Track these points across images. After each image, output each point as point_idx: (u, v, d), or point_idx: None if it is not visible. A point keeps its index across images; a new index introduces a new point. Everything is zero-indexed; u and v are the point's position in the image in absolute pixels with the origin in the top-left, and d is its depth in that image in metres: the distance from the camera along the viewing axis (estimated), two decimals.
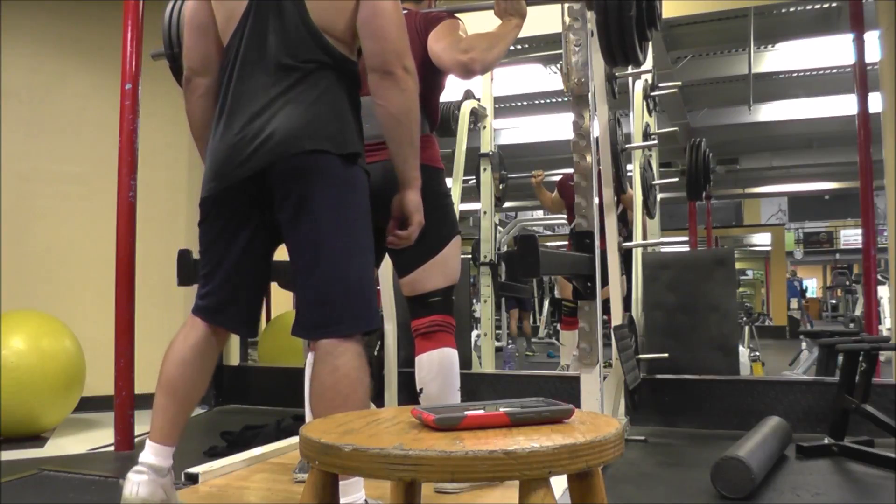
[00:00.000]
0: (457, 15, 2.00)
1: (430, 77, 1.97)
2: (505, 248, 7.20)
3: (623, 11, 1.93)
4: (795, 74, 7.45)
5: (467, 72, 1.87)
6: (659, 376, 3.46)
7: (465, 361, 3.88)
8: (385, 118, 1.56)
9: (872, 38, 3.86)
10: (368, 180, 1.59)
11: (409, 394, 3.08)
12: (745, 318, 6.69)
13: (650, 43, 2.34)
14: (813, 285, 19.29)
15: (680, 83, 5.10)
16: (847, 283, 11.77)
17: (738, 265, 14.33)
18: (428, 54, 1.91)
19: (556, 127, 8.38)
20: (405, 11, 2.03)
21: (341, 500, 1.50)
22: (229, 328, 1.68)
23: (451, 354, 1.95)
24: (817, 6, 5.69)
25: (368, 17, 1.51)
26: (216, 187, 1.54)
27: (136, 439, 3.06)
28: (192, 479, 2.04)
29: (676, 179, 4.88)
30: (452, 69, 1.89)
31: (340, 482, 1.11)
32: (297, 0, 1.51)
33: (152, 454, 1.57)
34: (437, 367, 1.92)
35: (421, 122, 1.98)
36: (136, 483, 1.52)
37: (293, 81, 1.50)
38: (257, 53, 1.52)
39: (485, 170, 4.79)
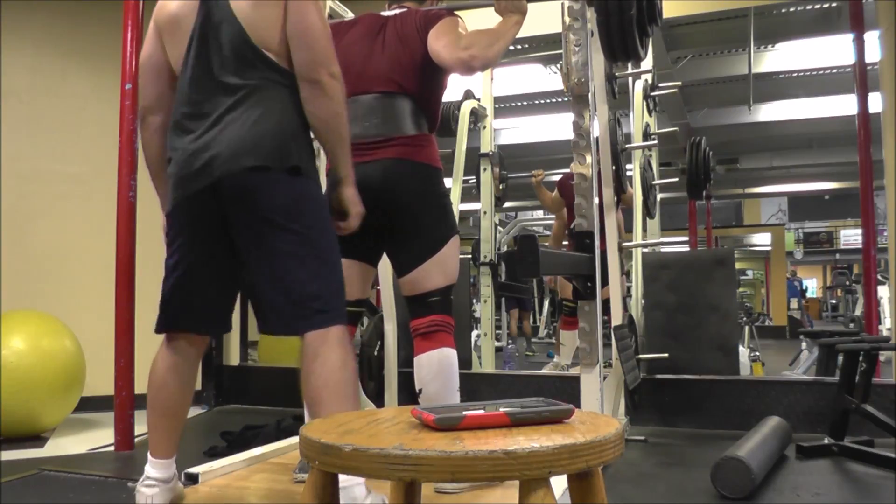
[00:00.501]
0: (457, 12, 1.99)
1: (431, 76, 1.97)
2: (505, 248, 7.20)
3: (623, 10, 1.92)
4: (795, 74, 7.44)
5: (468, 69, 1.88)
6: (659, 376, 3.46)
7: (465, 361, 3.88)
8: (315, 123, 1.64)
9: (872, 38, 3.86)
10: (321, 187, 1.68)
11: (409, 394, 3.08)
12: (745, 318, 6.69)
13: (650, 40, 2.33)
14: (813, 285, 19.30)
15: (680, 83, 5.10)
16: (847, 283, 11.76)
17: (738, 265, 14.34)
18: (428, 53, 1.91)
19: (556, 127, 8.37)
20: (404, 10, 2.03)
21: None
22: (194, 331, 1.78)
23: (450, 354, 1.94)
24: (817, 6, 5.68)
25: (295, 31, 1.60)
26: (175, 200, 1.64)
27: (136, 439, 3.05)
28: (192, 479, 2.04)
29: (676, 179, 4.87)
30: (453, 66, 1.89)
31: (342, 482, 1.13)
32: (234, 21, 1.60)
33: (156, 469, 1.72)
34: (437, 367, 1.91)
35: (419, 122, 1.98)
36: (149, 495, 1.69)
37: (237, 99, 1.59)
38: (205, 75, 1.62)
39: (485, 170, 4.79)
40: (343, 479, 1.51)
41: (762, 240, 15.20)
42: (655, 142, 4.08)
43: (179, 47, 1.67)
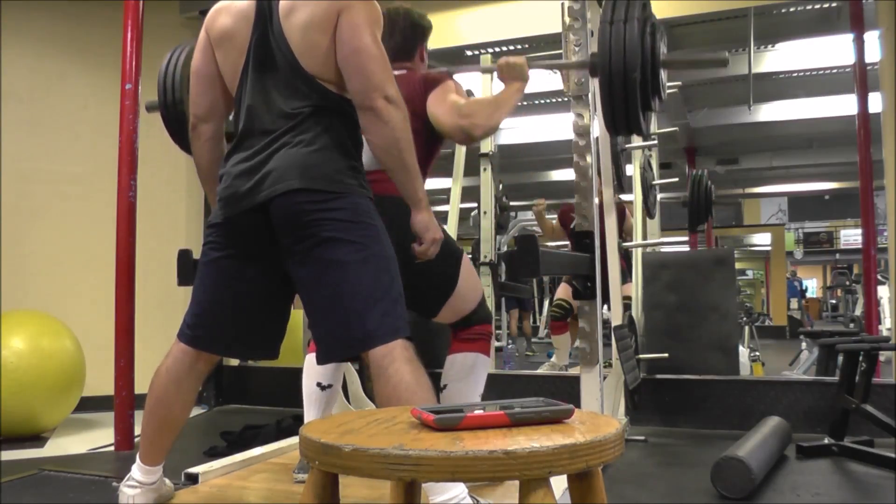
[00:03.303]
0: (455, 76, 2.01)
1: (428, 140, 1.96)
2: (505, 248, 7.20)
3: (628, 75, 1.89)
4: (795, 74, 7.43)
5: (467, 137, 1.88)
6: (659, 376, 3.46)
7: None
8: (374, 151, 1.60)
9: (872, 38, 3.86)
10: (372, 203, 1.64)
11: None
12: (745, 318, 6.68)
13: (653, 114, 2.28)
14: (813, 285, 19.27)
15: (680, 83, 5.10)
16: (847, 283, 11.75)
17: (738, 265, 14.31)
18: (427, 116, 1.91)
19: (556, 127, 8.36)
20: (403, 72, 2.03)
21: (440, 498, 1.54)
22: (219, 354, 1.76)
23: (485, 362, 2.02)
24: (817, 6, 5.68)
25: (346, 56, 1.57)
26: (223, 215, 1.62)
27: (136, 439, 3.05)
28: (192, 479, 2.05)
29: (676, 179, 4.88)
30: (452, 133, 1.89)
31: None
32: (287, 51, 1.59)
33: (142, 473, 1.73)
34: (468, 370, 1.97)
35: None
36: (130, 496, 1.70)
37: (290, 126, 1.58)
38: (259, 101, 1.61)
39: (485, 170, 4.79)
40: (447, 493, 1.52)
41: (762, 240, 15.18)
42: (655, 142, 4.08)
43: (231, 60, 1.67)
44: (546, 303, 10.17)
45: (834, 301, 14.16)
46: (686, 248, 7.90)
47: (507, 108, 1.90)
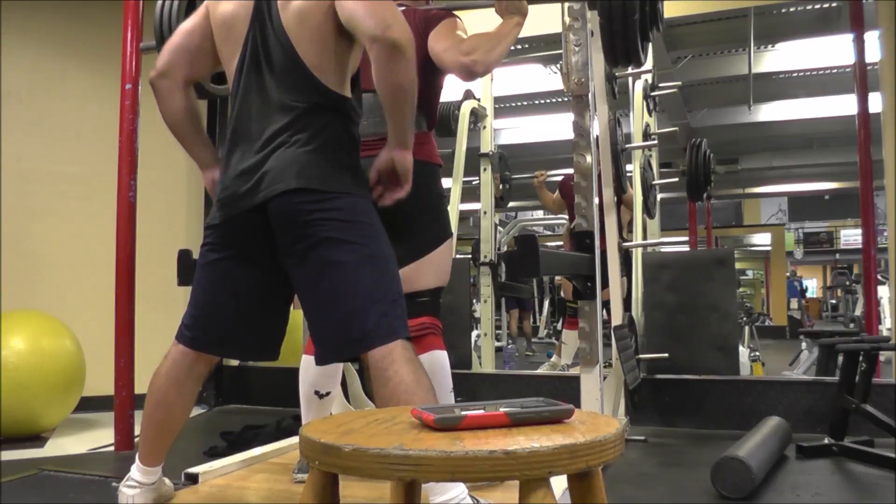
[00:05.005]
0: (456, 13, 1.99)
1: (430, 76, 1.96)
2: (505, 248, 7.20)
3: (627, 15, 1.91)
4: (795, 74, 7.45)
5: (470, 74, 1.86)
6: (659, 376, 3.46)
7: (465, 361, 3.87)
8: (386, 87, 1.50)
9: (872, 38, 3.86)
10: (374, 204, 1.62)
11: None
12: (745, 318, 6.69)
13: (650, 44, 2.33)
14: (813, 285, 19.28)
15: (680, 83, 5.10)
16: (847, 283, 11.75)
17: (738, 265, 14.31)
18: (428, 53, 1.91)
19: (556, 127, 8.37)
20: (403, 8, 2.02)
21: (440, 498, 1.53)
22: (219, 355, 1.75)
23: (441, 357, 1.94)
24: (817, 6, 5.69)
25: (349, 14, 1.50)
26: (221, 217, 1.60)
27: (135, 439, 3.05)
28: (192, 479, 2.04)
29: (676, 179, 4.88)
30: (454, 71, 1.88)
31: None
32: (287, 44, 1.56)
33: (141, 473, 1.72)
34: (428, 370, 1.91)
35: (419, 120, 1.97)
36: (130, 496, 1.69)
37: (288, 122, 1.55)
38: (256, 95, 1.59)
39: (485, 170, 4.79)
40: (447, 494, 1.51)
41: (762, 240, 15.21)
42: (655, 142, 4.08)
43: (228, 49, 1.65)
44: (546, 303, 10.18)
45: (834, 301, 14.14)
46: (686, 248, 7.93)
47: (507, 43, 1.88)
